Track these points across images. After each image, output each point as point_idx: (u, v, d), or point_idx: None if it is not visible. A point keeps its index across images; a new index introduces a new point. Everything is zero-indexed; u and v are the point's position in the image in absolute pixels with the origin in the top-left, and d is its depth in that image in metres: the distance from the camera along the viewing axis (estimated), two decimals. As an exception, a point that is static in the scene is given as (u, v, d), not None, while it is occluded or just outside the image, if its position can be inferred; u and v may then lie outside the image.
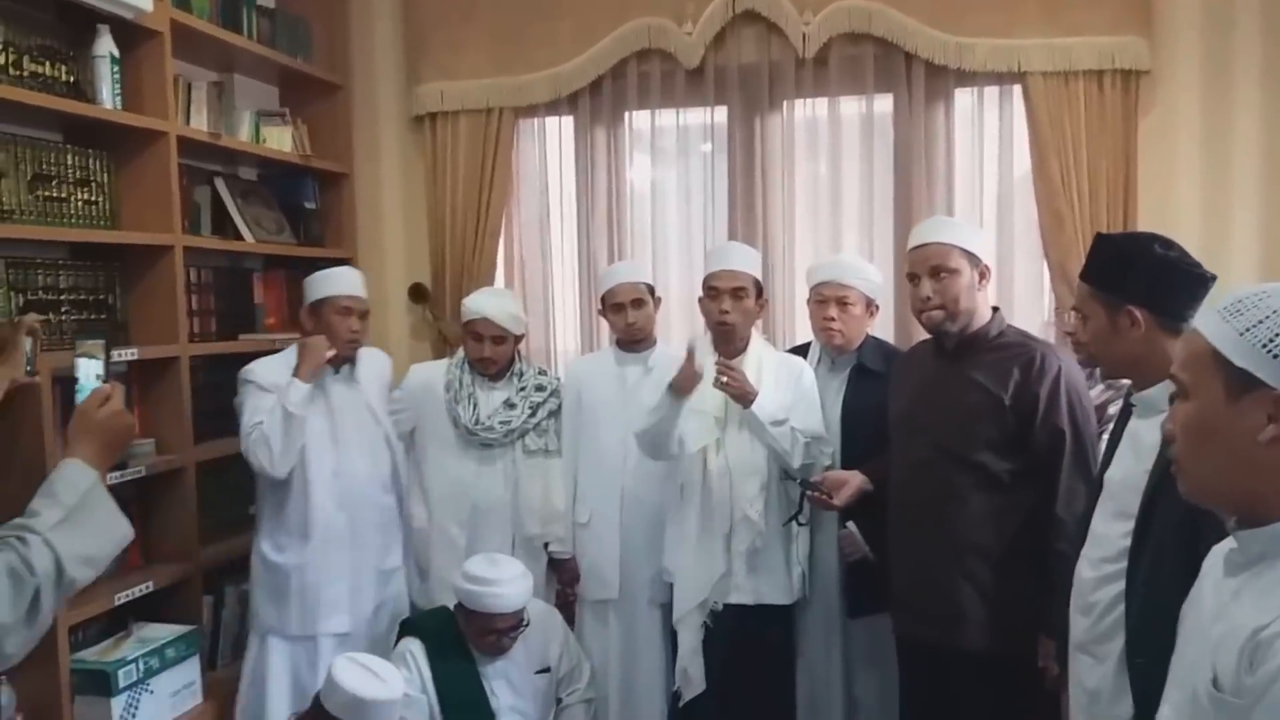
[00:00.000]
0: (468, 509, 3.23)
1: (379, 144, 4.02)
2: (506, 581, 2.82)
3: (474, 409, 3.21)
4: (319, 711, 2.55)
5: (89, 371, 1.75)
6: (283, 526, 2.95)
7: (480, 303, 3.22)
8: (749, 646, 2.94)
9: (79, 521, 1.51)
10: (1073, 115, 3.44)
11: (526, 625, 2.89)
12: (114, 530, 1.59)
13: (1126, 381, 2.04)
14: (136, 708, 2.65)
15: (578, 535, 3.28)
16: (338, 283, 3.02)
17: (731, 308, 2.95)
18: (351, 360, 3.00)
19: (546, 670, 3.01)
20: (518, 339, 3.30)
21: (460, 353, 3.35)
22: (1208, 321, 1.13)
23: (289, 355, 2.97)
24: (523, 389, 3.26)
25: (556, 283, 3.96)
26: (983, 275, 2.54)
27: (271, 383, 2.88)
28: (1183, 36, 3.44)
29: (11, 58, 2.63)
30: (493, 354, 3.21)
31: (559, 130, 3.94)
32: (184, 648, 2.83)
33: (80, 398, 1.70)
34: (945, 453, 2.48)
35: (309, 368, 2.87)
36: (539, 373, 3.36)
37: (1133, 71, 3.41)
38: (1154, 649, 1.42)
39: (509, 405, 3.23)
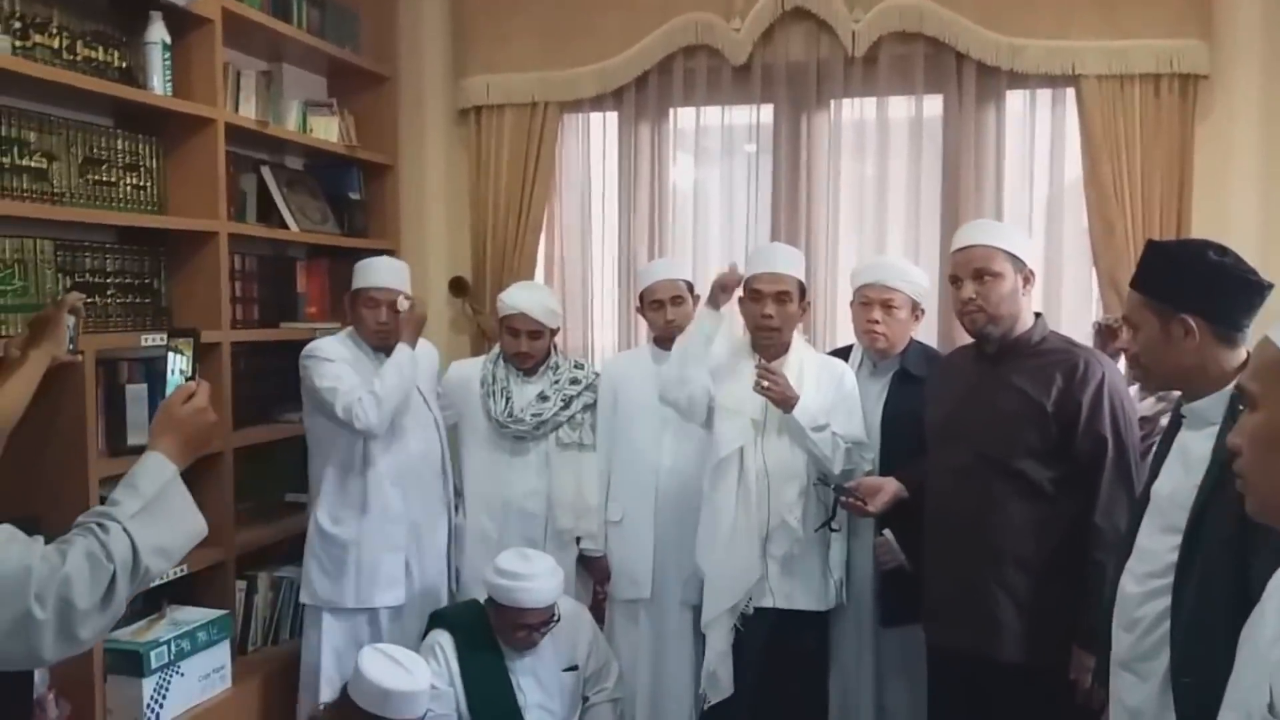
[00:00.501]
0: (500, 502, 3.23)
1: (424, 136, 4.03)
2: (538, 576, 2.81)
3: (506, 402, 3.21)
4: (346, 702, 2.55)
5: (175, 366, 1.76)
6: (342, 500, 2.99)
7: (517, 297, 3.22)
8: (782, 652, 2.89)
9: (157, 513, 1.53)
10: (1127, 120, 3.36)
11: (557, 621, 2.87)
12: (190, 524, 1.61)
13: (1177, 393, 1.98)
14: (167, 689, 2.68)
15: (610, 534, 3.26)
16: (367, 274, 3.05)
17: (775, 312, 2.89)
18: (389, 349, 3.01)
19: (574, 668, 3.00)
20: (554, 332, 3.30)
21: (496, 348, 3.35)
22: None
23: (345, 340, 3.03)
24: (557, 381, 3.26)
25: (596, 280, 3.95)
26: (1027, 280, 2.49)
27: (339, 356, 2.94)
28: (1244, 40, 3.35)
29: (65, 42, 2.67)
30: (529, 349, 3.21)
31: (603, 126, 3.92)
32: (215, 631, 2.85)
33: (167, 391, 1.72)
34: (985, 460, 2.43)
35: (411, 332, 2.98)
36: (575, 365, 3.35)
37: (1191, 76, 3.33)
38: (1201, 668, 1.37)
39: (542, 398, 3.23)
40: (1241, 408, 1.16)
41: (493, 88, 3.84)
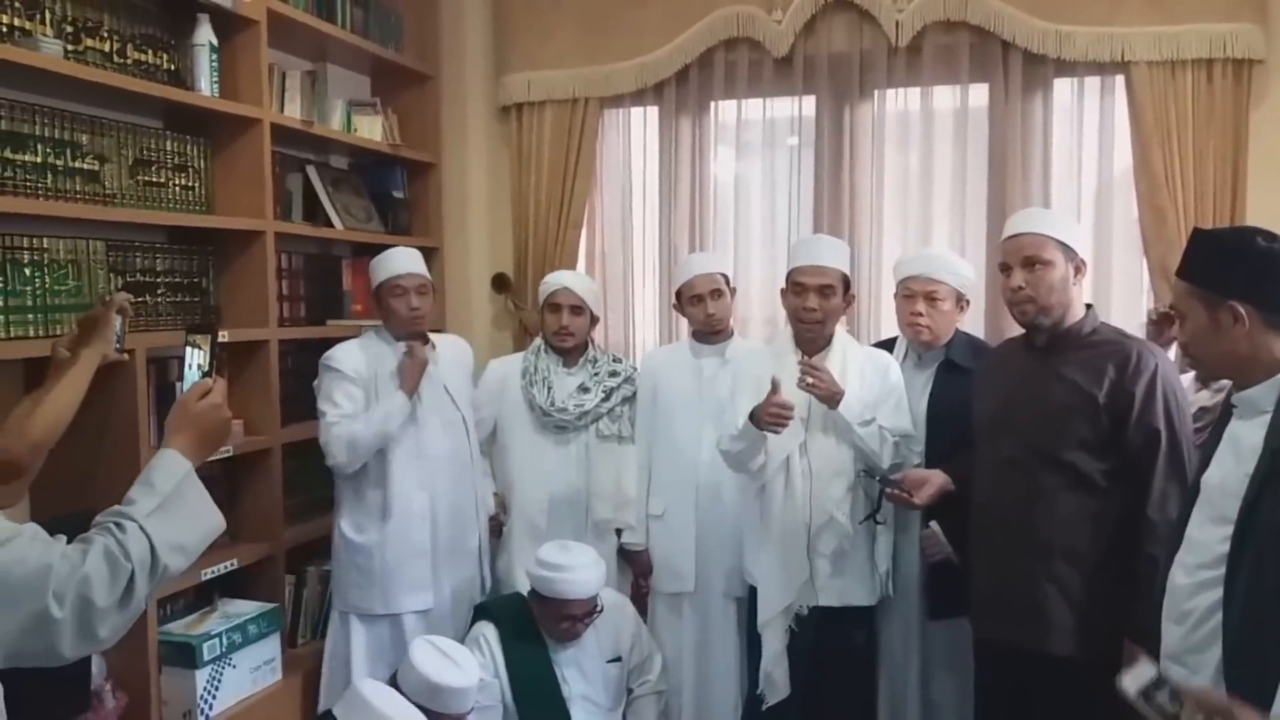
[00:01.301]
0: (546, 495, 3.24)
1: (466, 134, 4.06)
2: (580, 568, 2.82)
3: (549, 391, 3.22)
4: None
5: (193, 361, 1.75)
6: (362, 507, 3.00)
7: (559, 275, 3.34)
8: (833, 648, 2.87)
9: (173, 510, 1.53)
10: (1179, 107, 3.30)
11: (600, 612, 2.88)
12: (207, 520, 1.61)
13: (1228, 383, 1.94)
14: (219, 681, 2.72)
15: (652, 527, 3.27)
16: (388, 266, 3.04)
17: (818, 305, 2.84)
18: (425, 338, 3.02)
19: (618, 660, 3.01)
20: (594, 320, 3.32)
21: (537, 340, 3.37)
22: None
23: (367, 341, 3.04)
24: (596, 374, 3.28)
25: (637, 275, 3.95)
26: (1078, 269, 2.44)
27: (353, 368, 2.94)
28: (1301, 22, 3.27)
29: (115, 45, 2.72)
30: (570, 323, 3.23)
31: (644, 121, 3.92)
32: (266, 624, 2.90)
33: (184, 387, 1.72)
34: (1035, 452, 2.39)
35: (413, 380, 2.94)
36: (614, 359, 3.37)
37: (1245, 60, 3.26)
38: (1255, 660, 1.34)
39: (583, 389, 3.24)
40: None
41: (533, 85, 3.85)
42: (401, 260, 3.06)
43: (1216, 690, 1.71)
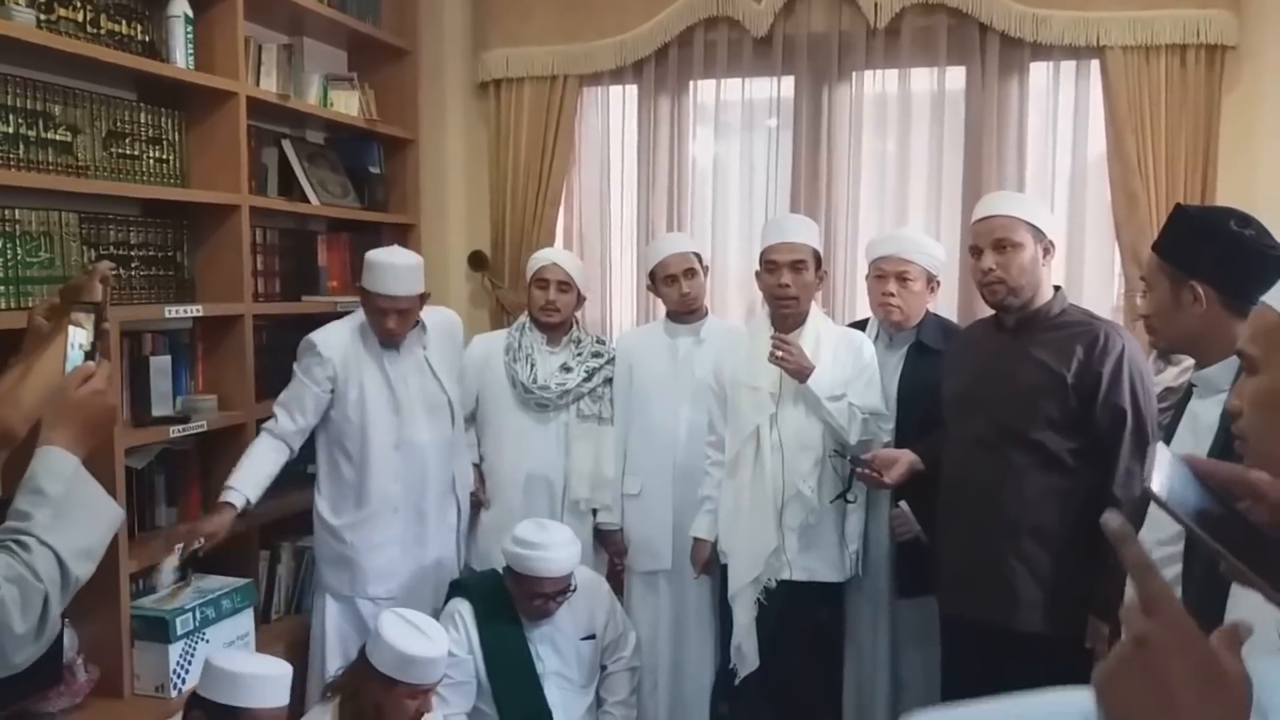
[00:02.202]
0: (523, 474, 3.25)
1: (444, 110, 4.04)
2: (555, 546, 2.84)
3: (532, 369, 3.23)
4: (365, 665, 2.59)
5: (75, 341, 1.56)
6: (338, 489, 3.01)
7: (547, 252, 3.37)
8: (800, 624, 2.91)
9: (70, 514, 1.40)
10: (1152, 92, 3.32)
11: (573, 590, 2.90)
12: (106, 514, 1.49)
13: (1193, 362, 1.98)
14: (192, 655, 2.72)
15: (628, 507, 3.29)
16: (377, 278, 2.91)
17: (791, 281, 2.89)
18: (398, 343, 3.02)
19: (592, 637, 3.03)
20: (580, 300, 3.33)
21: (521, 317, 3.37)
22: (1278, 296, 1.09)
23: (352, 321, 3.02)
24: (580, 354, 3.28)
25: (615, 254, 3.95)
26: (1047, 251, 2.48)
27: (330, 353, 2.93)
28: (1272, 10, 3.29)
29: (89, 15, 2.68)
30: (557, 299, 3.23)
31: (623, 99, 3.91)
32: (239, 599, 2.89)
33: (66, 369, 1.55)
34: (1004, 431, 2.43)
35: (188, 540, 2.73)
36: (597, 340, 3.38)
37: (1218, 46, 3.28)
38: (1212, 631, 1.36)
39: (565, 369, 3.25)
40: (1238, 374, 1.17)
41: (512, 61, 3.83)
42: (389, 282, 2.91)
43: None
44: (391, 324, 2.94)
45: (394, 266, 2.93)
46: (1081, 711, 0.73)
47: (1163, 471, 0.78)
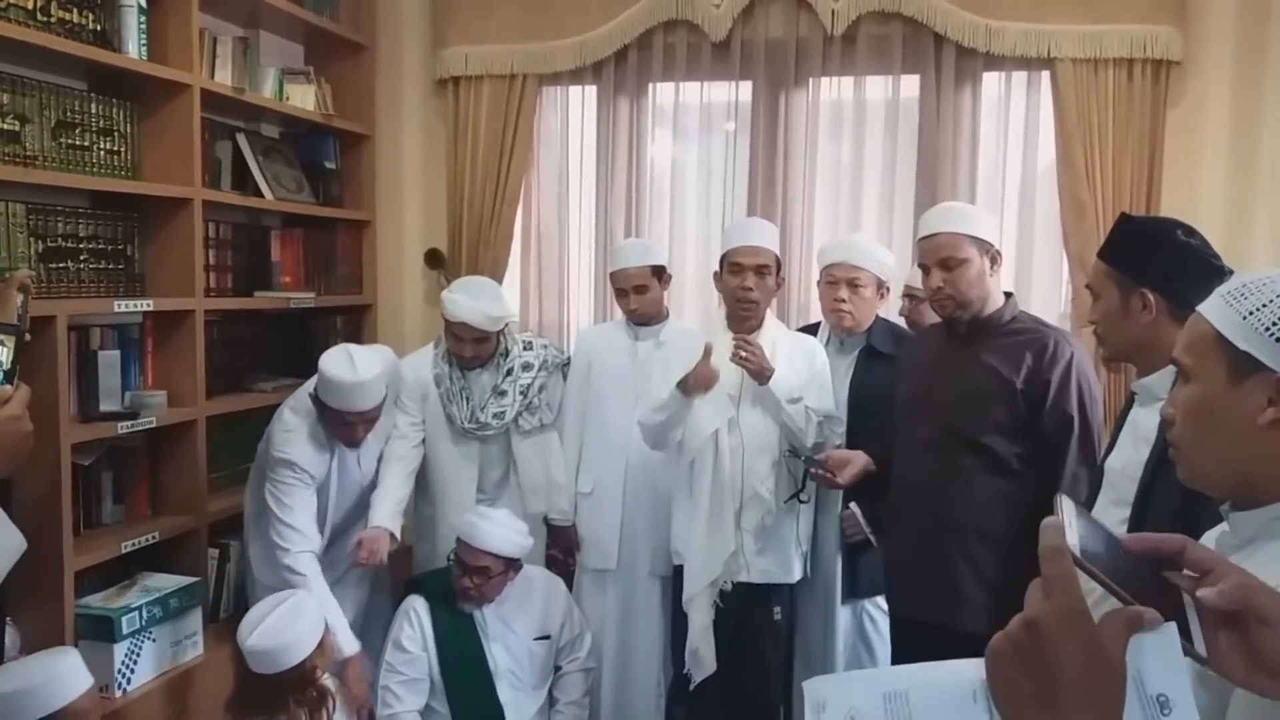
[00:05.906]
0: (471, 496, 3.23)
1: (401, 106, 4.01)
2: (494, 521, 2.89)
3: (467, 403, 3.19)
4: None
5: None
6: (270, 556, 2.95)
7: (459, 307, 3.05)
8: (753, 624, 2.94)
9: None
10: (1100, 103, 3.40)
11: (505, 577, 2.90)
12: (8, 545, 1.43)
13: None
14: (138, 655, 2.69)
15: (580, 504, 3.29)
16: (349, 398, 2.81)
17: (755, 284, 2.91)
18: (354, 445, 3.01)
19: (546, 638, 3.03)
20: (498, 340, 3.21)
21: (444, 344, 3.23)
22: (1211, 306, 1.12)
23: (309, 428, 2.93)
24: (509, 371, 3.21)
25: (572, 254, 3.95)
26: (994, 260, 2.52)
27: (307, 469, 2.90)
28: (1216, 27, 3.39)
29: (39, 3, 2.63)
30: (475, 353, 3.16)
31: (582, 100, 3.92)
32: (187, 598, 2.86)
33: None
34: (953, 434, 2.47)
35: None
36: (525, 348, 3.27)
37: (1164, 61, 3.37)
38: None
39: (499, 393, 3.20)
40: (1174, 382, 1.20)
41: (471, 59, 3.82)
42: (356, 396, 2.82)
43: None
44: (362, 433, 2.94)
45: (360, 385, 2.79)
46: (978, 679, 0.74)
47: (1072, 526, 0.79)
